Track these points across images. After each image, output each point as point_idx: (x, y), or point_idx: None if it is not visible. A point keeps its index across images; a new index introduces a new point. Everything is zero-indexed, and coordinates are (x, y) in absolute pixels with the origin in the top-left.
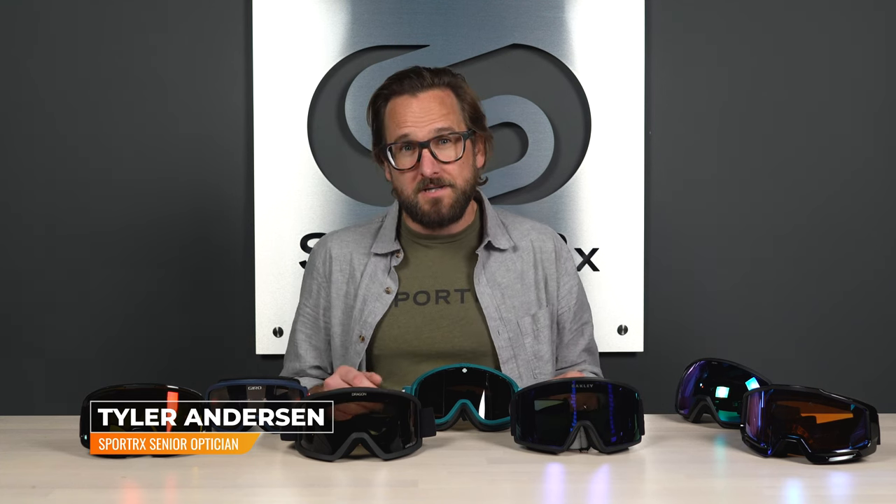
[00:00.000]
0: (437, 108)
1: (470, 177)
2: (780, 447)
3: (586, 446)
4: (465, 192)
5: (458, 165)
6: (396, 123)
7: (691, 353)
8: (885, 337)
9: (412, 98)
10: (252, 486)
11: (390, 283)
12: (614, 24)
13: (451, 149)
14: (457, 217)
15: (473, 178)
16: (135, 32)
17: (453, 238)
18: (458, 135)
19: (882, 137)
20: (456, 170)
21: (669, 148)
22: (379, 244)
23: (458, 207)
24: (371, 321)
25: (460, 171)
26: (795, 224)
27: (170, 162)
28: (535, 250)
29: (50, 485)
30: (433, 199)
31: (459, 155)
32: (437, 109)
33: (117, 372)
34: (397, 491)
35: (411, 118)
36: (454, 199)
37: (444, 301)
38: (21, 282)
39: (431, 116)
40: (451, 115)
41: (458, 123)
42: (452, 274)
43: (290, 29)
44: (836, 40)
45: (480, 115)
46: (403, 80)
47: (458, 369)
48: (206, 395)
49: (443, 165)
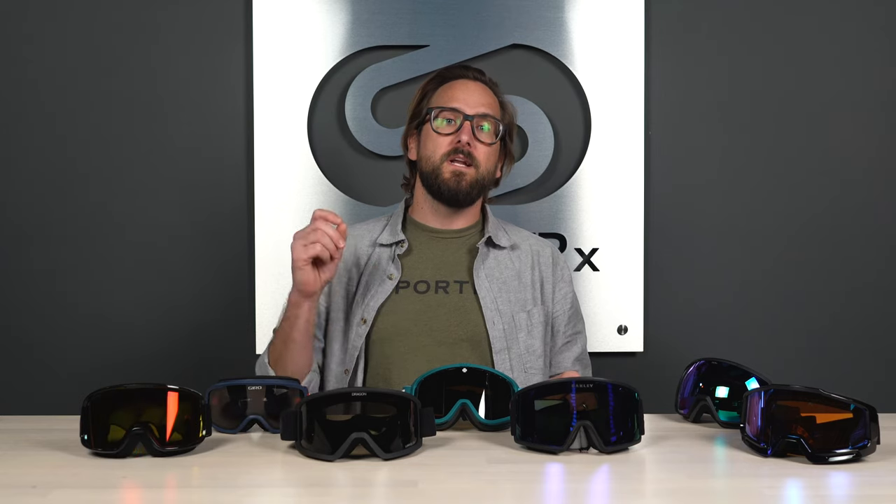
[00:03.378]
0: (489, 98)
1: (493, 169)
2: (780, 447)
3: (586, 446)
4: (485, 179)
5: (489, 150)
6: (448, 96)
7: (691, 353)
8: (885, 337)
9: (470, 82)
10: (252, 486)
11: (393, 270)
12: (614, 24)
13: (488, 134)
14: (472, 200)
15: (491, 175)
16: (134, 32)
17: (457, 234)
18: (498, 123)
19: (884, 138)
20: (486, 154)
21: (669, 148)
22: (385, 235)
23: (475, 190)
24: (373, 305)
25: (488, 158)
26: (795, 224)
27: (170, 162)
28: (533, 253)
29: (50, 485)
30: (457, 171)
31: (494, 140)
32: (488, 99)
33: (117, 372)
34: (397, 491)
35: (463, 94)
36: (475, 179)
37: (443, 291)
38: (21, 282)
39: (483, 101)
40: (495, 109)
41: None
42: (453, 266)
43: (290, 29)
44: (837, 40)
45: (513, 137)
46: (468, 69)
47: (458, 369)
48: (205, 395)
49: (477, 143)
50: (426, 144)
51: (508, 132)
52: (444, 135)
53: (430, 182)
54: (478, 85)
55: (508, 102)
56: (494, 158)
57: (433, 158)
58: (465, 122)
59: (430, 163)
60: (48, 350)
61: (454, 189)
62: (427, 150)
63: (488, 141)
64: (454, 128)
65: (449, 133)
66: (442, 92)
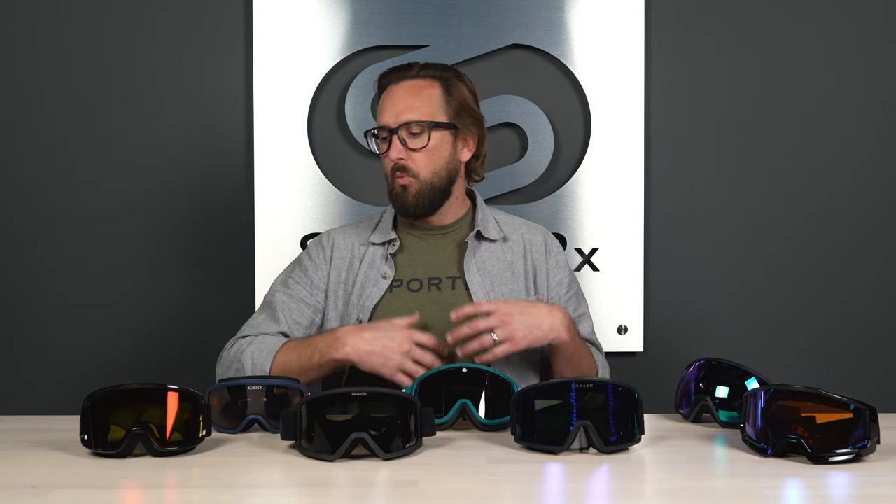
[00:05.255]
0: (411, 98)
1: (440, 168)
2: (780, 447)
3: (586, 446)
4: (433, 184)
5: (424, 155)
6: (379, 110)
7: (691, 353)
8: (885, 337)
9: (395, 87)
10: (252, 486)
11: (387, 269)
12: (614, 24)
13: (418, 139)
14: (424, 209)
15: (448, 170)
16: (134, 32)
17: (445, 229)
18: (423, 125)
19: (884, 138)
20: (422, 160)
21: (669, 148)
22: (377, 234)
23: (423, 198)
24: (368, 305)
25: (428, 162)
26: (795, 224)
27: (170, 162)
28: (525, 242)
29: (50, 485)
30: (401, 186)
31: (425, 144)
32: (411, 99)
33: (117, 372)
34: (397, 491)
35: (389, 105)
36: (418, 189)
37: (436, 288)
38: (21, 281)
39: (404, 105)
40: (424, 106)
41: (433, 115)
42: (444, 262)
43: (290, 29)
44: (837, 40)
45: (470, 112)
46: (393, 72)
47: (458, 369)
48: (205, 395)
49: (410, 153)
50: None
51: (459, 112)
52: (384, 155)
53: (390, 197)
54: (403, 86)
55: (456, 80)
56: (440, 156)
57: (387, 177)
58: (392, 137)
59: (387, 182)
60: (48, 350)
61: (403, 204)
62: (383, 168)
63: (420, 146)
64: (387, 145)
65: (385, 152)
66: (380, 104)
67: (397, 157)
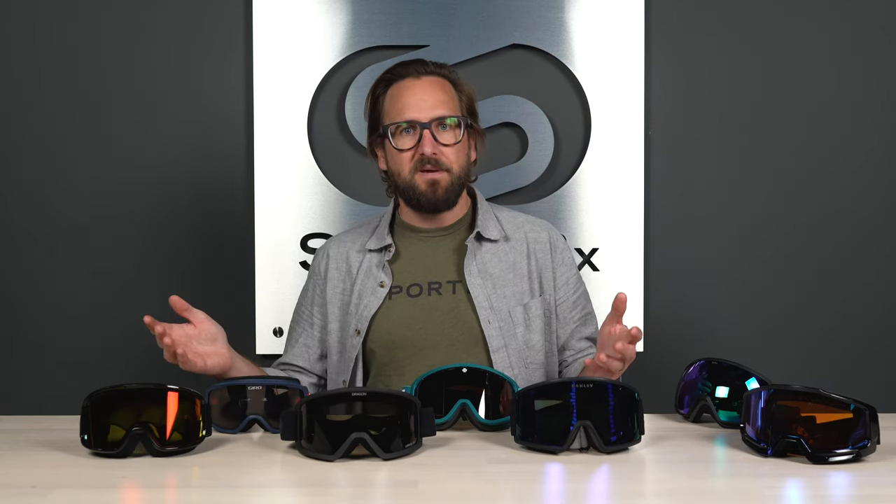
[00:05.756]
0: (439, 93)
1: (465, 164)
2: (780, 447)
3: (586, 446)
4: (460, 178)
5: (455, 150)
6: (399, 106)
7: (691, 353)
8: (885, 337)
9: (416, 81)
10: (252, 486)
11: (384, 277)
12: (614, 24)
13: (450, 133)
14: (451, 203)
15: (468, 167)
16: (134, 32)
17: (445, 231)
18: (458, 119)
19: (884, 138)
20: (454, 154)
21: (669, 148)
22: (373, 241)
23: (453, 192)
24: (366, 315)
25: (457, 157)
26: (795, 224)
27: (170, 162)
28: (529, 241)
29: (50, 485)
30: (431, 181)
31: (459, 139)
32: (439, 94)
33: (117, 372)
34: (397, 491)
35: (414, 100)
36: (450, 182)
37: (436, 293)
38: (21, 281)
39: (434, 100)
40: (451, 101)
41: (458, 111)
42: (444, 266)
43: (290, 29)
44: (837, 40)
45: (475, 111)
46: (408, 66)
47: (458, 369)
48: (205, 395)
49: (441, 148)
50: (393, 160)
51: (470, 110)
52: (406, 150)
53: (408, 196)
54: (425, 81)
55: (462, 80)
56: (465, 152)
57: (403, 174)
58: (423, 132)
59: (402, 178)
60: (48, 350)
61: (432, 199)
62: (395, 165)
63: (453, 141)
64: (414, 140)
65: (411, 147)
66: (392, 100)
67: (432, 151)
